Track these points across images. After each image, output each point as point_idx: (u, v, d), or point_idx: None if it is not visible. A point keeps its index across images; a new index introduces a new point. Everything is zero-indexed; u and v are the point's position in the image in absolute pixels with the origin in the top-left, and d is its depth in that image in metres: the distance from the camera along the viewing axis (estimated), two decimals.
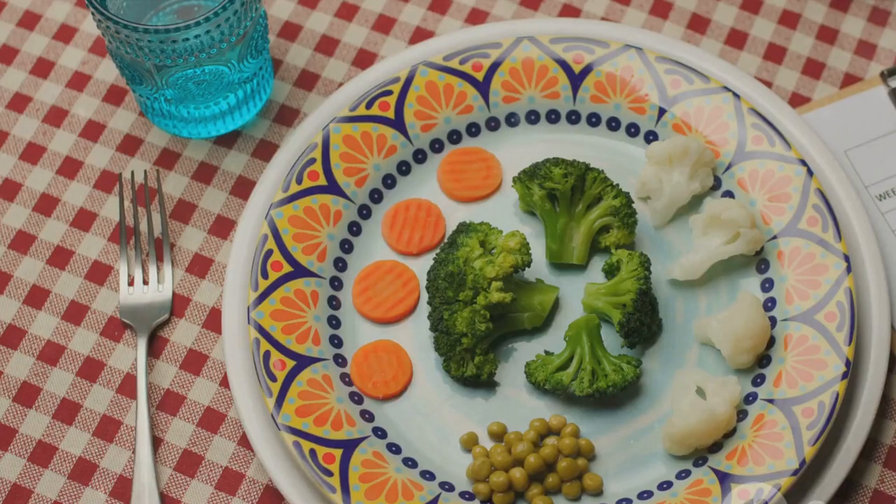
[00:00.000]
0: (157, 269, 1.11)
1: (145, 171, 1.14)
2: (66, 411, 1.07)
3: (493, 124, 1.14)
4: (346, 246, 1.10)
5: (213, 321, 1.10)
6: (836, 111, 1.16)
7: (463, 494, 1.02)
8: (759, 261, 1.09)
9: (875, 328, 1.06)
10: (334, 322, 1.08)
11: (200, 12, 1.11)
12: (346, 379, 1.06)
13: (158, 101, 1.12)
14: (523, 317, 1.07)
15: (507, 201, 1.13)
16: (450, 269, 1.05)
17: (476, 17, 1.21)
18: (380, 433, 1.04)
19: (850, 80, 1.19)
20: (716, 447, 1.03)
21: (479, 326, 1.04)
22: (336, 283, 1.09)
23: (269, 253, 1.07)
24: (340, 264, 1.10)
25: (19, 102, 1.18)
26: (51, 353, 1.09)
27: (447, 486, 1.03)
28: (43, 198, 1.15)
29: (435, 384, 1.07)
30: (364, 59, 1.20)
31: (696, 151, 1.09)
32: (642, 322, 1.05)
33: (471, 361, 1.05)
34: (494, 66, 1.14)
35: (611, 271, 1.08)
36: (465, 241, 1.06)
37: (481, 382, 1.06)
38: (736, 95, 1.12)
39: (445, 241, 1.08)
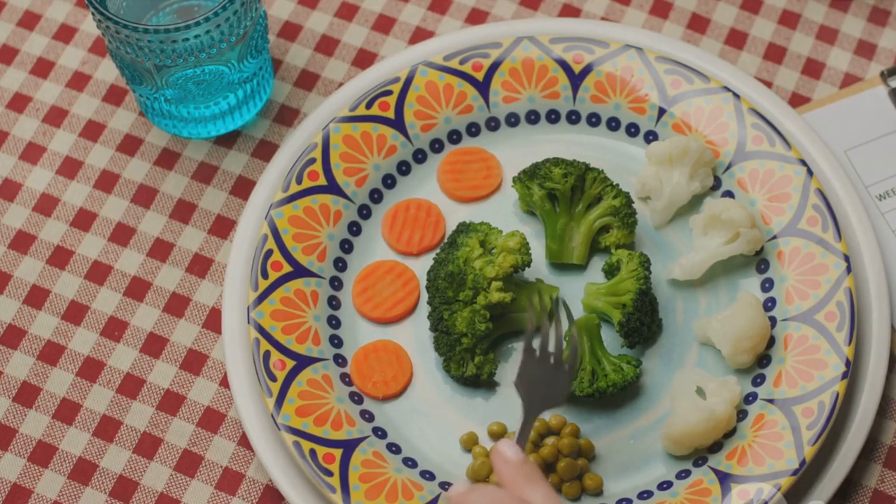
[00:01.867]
0: None
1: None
2: (66, 411, 1.07)
3: (493, 124, 1.14)
4: (346, 246, 1.10)
5: (213, 321, 1.10)
6: (836, 111, 1.16)
7: None
8: (759, 261, 1.09)
9: (875, 328, 1.06)
10: (334, 322, 1.08)
11: (200, 12, 1.11)
12: (346, 379, 1.06)
13: (158, 101, 1.12)
14: (523, 317, 1.07)
15: (507, 201, 1.13)
16: (450, 269, 1.04)
17: (476, 17, 1.21)
18: (380, 433, 1.04)
19: (850, 80, 1.19)
20: (716, 447, 1.03)
21: (479, 326, 1.04)
22: (336, 283, 1.09)
23: (269, 253, 1.07)
24: (340, 264, 1.10)
25: (19, 102, 1.18)
26: (51, 353, 1.09)
27: (447, 486, 1.03)
28: (43, 198, 1.15)
29: (435, 384, 1.06)
30: (364, 59, 1.20)
31: (696, 151, 1.09)
32: (642, 322, 1.05)
33: (471, 361, 1.05)
34: (494, 66, 1.14)
35: (611, 271, 1.08)
36: (465, 241, 1.06)
37: (481, 382, 1.06)
38: (736, 95, 1.12)
39: (445, 241, 1.08)
